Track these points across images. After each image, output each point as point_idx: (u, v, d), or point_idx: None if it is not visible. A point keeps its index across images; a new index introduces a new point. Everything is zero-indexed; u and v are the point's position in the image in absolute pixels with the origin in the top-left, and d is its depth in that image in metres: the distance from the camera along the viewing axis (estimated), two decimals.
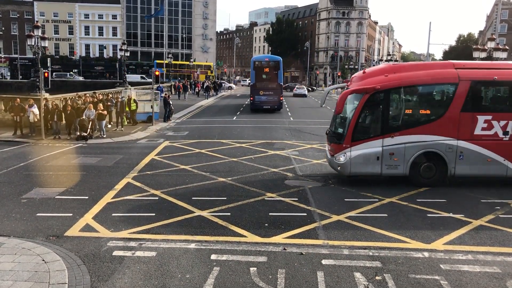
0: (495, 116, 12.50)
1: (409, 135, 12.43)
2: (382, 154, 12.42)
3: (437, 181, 12.69)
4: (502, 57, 24.22)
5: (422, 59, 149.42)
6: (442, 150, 12.44)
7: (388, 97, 12.55)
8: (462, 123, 12.41)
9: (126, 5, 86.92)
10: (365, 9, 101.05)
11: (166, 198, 11.34)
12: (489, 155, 12.50)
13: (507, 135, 12.45)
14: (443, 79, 12.81)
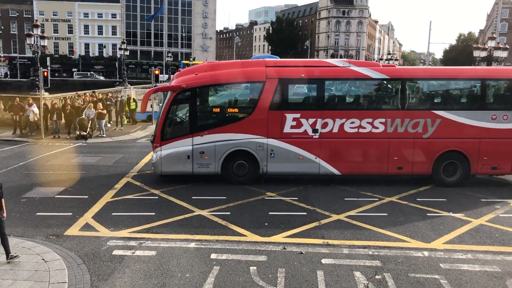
0: (304, 114, 12.38)
1: (219, 133, 12.33)
2: (193, 153, 12.31)
3: (251, 178, 12.61)
4: (502, 56, 24.19)
5: (423, 58, 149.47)
6: (252, 149, 12.37)
7: (196, 96, 12.39)
8: (270, 121, 12.29)
9: (126, 4, 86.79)
10: (365, 8, 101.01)
11: (166, 197, 11.34)
12: (301, 153, 12.40)
13: (316, 133, 12.35)
14: (250, 77, 12.64)
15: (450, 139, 12.42)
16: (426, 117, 12.34)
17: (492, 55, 23.93)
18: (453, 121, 12.33)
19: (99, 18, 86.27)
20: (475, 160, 12.47)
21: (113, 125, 24.51)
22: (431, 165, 12.54)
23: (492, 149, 12.43)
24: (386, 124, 12.29)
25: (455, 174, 12.69)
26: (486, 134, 12.36)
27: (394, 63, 52.23)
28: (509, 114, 12.36)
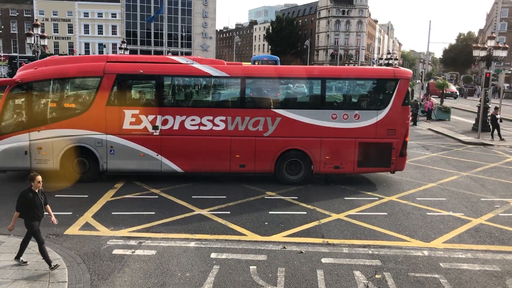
0: (143, 110, 12.25)
1: (57, 129, 12.12)
2: (30, 148, 12.15)
3: (92, 176, 12.48)
4: (502, 56, 24.15)
5: (422, 58, 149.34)
6: (91, 145, 12.25)
7: (32, 90, 12.23)
8: (109, 117, 12.14)
9: (126, 4, 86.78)
10: (365, 8, 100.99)
11: (166, 196, 11.34)
12: (141, 150, 12.29)
13: (157, 129, 12.25)
14: (88, 72, 12.47)
15: (291, 137, 12.38)
16: (266, 115, 12.28)
17: (492, 54, 23.84)
18: (293, 119, 12.29)
19: (99, 18, 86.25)
20: (317, 159, 12.41)
21: None
22: (273, 163, 12.46)
23: (333, 148, 12.38)
24: (227, 122, 12.25)
25: (299, 172, 12.63)
26: (327, 133, 12.31)
27: (394, 63, 52.13)
28: (349, 114, 12.29)
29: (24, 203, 6.97)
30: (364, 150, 12.36)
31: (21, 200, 7.00)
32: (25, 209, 6.99)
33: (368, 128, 12.29)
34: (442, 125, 27.22)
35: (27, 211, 6.98)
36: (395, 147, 12.32)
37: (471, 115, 31.94)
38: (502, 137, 21.79)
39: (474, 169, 15.28)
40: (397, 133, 12.35)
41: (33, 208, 6.97)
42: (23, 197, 6.99)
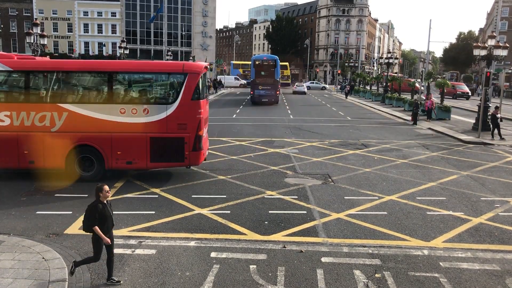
0: None
1: None
2: None
3: None
4: (502, 55, 24.13)
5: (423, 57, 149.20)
6: None
7: None
8: None
9: (126, 3, 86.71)
10: (365, 7, 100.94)
11: (165, 196, 11.34)
12: None
13: None
14: None
15: (81, 133, 12.22)
16: (52, 110, 12.09)
17: (492, 53, 23.81)
18: (81, 114, 12.13)
19: (98, 17, 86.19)
20: (108, 154, 12.25)
21: None
22: (63, 159, 12.24)
23: (124, 143, 12.23)
24: (12, 117, 12.06)
25: (92, 169, 12.50)
26: (117, 128, 12.16)
27: (394, 62, 51.94)
28: (138, 108, 12.17)
29: (96, 216, 6.54)
30: (156, 145, 12.20)
31: (93, 213, 6.55)
32: (93, 221, 6.59)
33: (158, 122, 12.14)
34: (442, 125, 27.22)
35: (94, 223, 6.58)
36: (188, 141, 12.18)
37: (472, 114, 31.94)
38: (502, 137, 21.79)
39: (474, 168, 15.28)
40: (188, 127, 12.19)
41: (104, 221, 6.59)
42: (95, 210, 6.56)
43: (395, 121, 30.54)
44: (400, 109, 37.84)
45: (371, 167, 15.05)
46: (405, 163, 15.95)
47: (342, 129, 25.00)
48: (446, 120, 29.51)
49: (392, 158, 16.75)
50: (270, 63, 42.40)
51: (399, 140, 21.33)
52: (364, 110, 39.06)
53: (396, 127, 26.67)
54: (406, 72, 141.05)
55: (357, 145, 19.47)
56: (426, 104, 30.21)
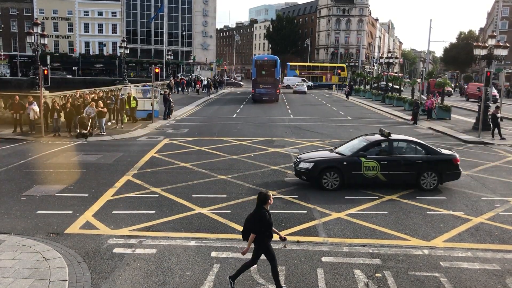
0: None
1: None
2: None
3: None
4: (503, 54, 24.11)
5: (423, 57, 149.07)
6: None
7: None
8: None
9: (126, 2, 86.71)
10: (365, 6, 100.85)
11: (166, 195, 11.34)
12: None
13: None
14: None
15: None
16: None
17: (493, 53, 23.78)
18: None
19: (99, 17, 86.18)
20: None
21: (113, 124, 24.51)
22: None
23: None
24: None
25: None
26: None
27: (395, 62, 52.23)
28: None
29: (266, 224, 6.39)
30: None
31: (264, 222, 6.37)
32: (263, 230, 6.42)
33: None
34: (442, 124, 27.21)
35: (264, 232, 6.43)
36: None
37: (472, 114, 31.92)
38: (502, 136, 21.78)
39: (474, 168, 15.27)
40: None
41: (269, 228, 6.45)
42: (264, 219, 6.36)
43: (395, 120, 30.53)
44: (400, 108, 37.82)
45: None
46: None
47: (342, 129, 24.99)
48: (446, 120, 29.50)
49: None
50: (270, 63, 44.46)
51: None
52: (364, 109, 39.04)
53: (397, 127, 26.65)
54: (406, 72, 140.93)
55: None
56: (426, 104, 30.20)
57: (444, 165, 12.18)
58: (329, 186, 11.92)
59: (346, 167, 11.93)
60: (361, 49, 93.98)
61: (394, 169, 12.03)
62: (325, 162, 12.14)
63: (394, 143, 12.51)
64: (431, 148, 12.46)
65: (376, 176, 11.94)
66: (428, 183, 12.06)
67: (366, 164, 11.87)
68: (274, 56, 50.70)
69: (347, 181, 11.99)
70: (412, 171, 12.05)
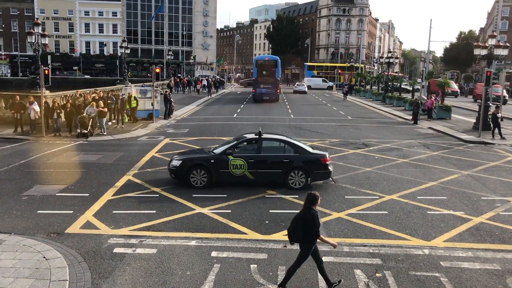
0: None
1: None
2: None
3: None
4: (503, 54, 24.09)
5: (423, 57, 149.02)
6: None
7: None
8: None
9: (126, 2, 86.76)
10: (365, 6, 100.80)
11: (166, 195, 11.35)
12: None
13: None
14: None
15: None
16: None
17: (493, 53, 23.75)
18: None
19: (99, 16, 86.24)
20: None
21: (114, 123, 24.53)
22: None
23: None
24: None
25: None
26: None
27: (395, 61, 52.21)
28: None
29: (315, 225, 6.36)
30: None
31: (313, 222, 6.34)
32: (313, 231, 6.40)
33: None
34: (443, 124, 27.20)
35: (313, 233, 6.40)
36: None
37: (472, 113, 31.90)
38: (503, 136, 21.77)
39: (475, 167, 15.27)
40: None
41: (317, 229, 6.43)
42: (317, 220, 6.35)
43: (395, 120, 30.52)
44: (400, 108, 37.81)
45: (372, 166, 15.04)
46: (405, 162, 15.94)
47: (342, 129, 24.98)
48: (446, 120, 29.49)
49: (393, 157, 16.74)
50: (271, 63, 44.98)
51: (399, 139, 21.31)
52: (364, 109, 39.03)
53: (397, 127, 26.65)
54: (407, 72, 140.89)
55: (358, 145, 19.47)
56: (426, 104, 30.19)
57: (312, 165, 12.13)
58: (197, 183, 12.00)
59: (214, 165, 12.00)
60: (361, 49, 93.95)
61: (261, 168, 12.04)
62: (192, 160, 12.25)
63: (263, 142, 12.53)
64: (300, 148, 12.43)
65: (243, 174, 11.98)
66: (296, 182, 12.06)
67: (234, 163, 11.93)
68: (275, 56, 51.32)
69: (215, 179, 12.05)
70: (280, 170, 12.06)
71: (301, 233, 6.43)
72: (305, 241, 6.46)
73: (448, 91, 54.18)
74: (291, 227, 6.60)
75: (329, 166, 12.37)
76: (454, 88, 58.13)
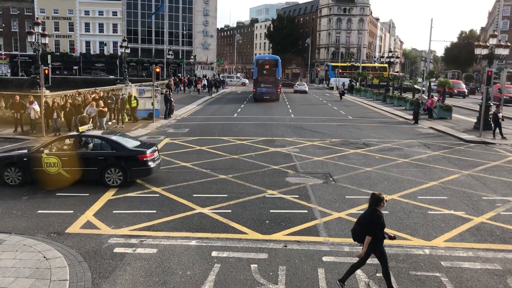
0: None
1: None
2: None
3: None
4: (504, 54, 24.05)
5: (424, 56, 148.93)
6: None
7: None
8: None
9: (127, 2, 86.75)
10: (366, 6, 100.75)
11: (167, 195, 11.34)
12: None
13: None
14: None
15: None
16: None
17: (494, 52, 23.72)
18: None
19: (100, 16, 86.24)
20: None
21: (114, 123, 24.52)
22: None
23: None
24: None
25: None
26: None
27: (396, 61, 52.15)
28: None
29: (379, 226, 6.34)
30: None
31: (378, 224, 6.32)
32: (377, 232, 6.38)
33: None
34: (443, 124, 27.17)
35: (378, 234, 6.37)
36: None
37: (473, 113, 31.87)
38: (503, 136, 21.74)
39: (475, 167, 15.25)
40: None
41: (382, 230, 6.43)
42: (378, 221, 6.32)
43: (396, 120, 30.50)
44: (401, 108, 37.78)
45: (372, 166, 15.03)
46: (406, 162, 15.93)
47: (343, 128, 24.97)
48: (447, 119, 29.46)
49: (393, 157, 16.73)
50: (272, 62, 45.17)
51: (400, 139, 21.30)
52: (365, 109, 39.01)
53: (397, 126, 26.64)
54: (407, 71, 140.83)
55: (358, 144, 19.45)
56: (427, 103, 30.15)
57: (129, 162, 11.94)
58: (12, 182, 11.89)
59: (27, 163, 11.86)
60: (362, 49, 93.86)
61: (76, 166, 11.81)
62: (6, 159, 12.16)
63: (81, 139, 12.39)
64: (117, 144, 12.18)
65: (58, 172, 11.80)
66: (114, 180, 11.91)
67: (47, 160, 11.75)
68: (275, 56, 51.52)
69: (30, 177, 11.94)
70: (95, 167, 11.89)
71: (363, 234, 6.40)
72: (370, 242, 6.37)
73: (455, 91, 53.53)
74: (354, 228, 6.60)
75: (148, 162, 12.03)
76: (462, 88, 55.94)
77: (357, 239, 6.63)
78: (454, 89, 53.61)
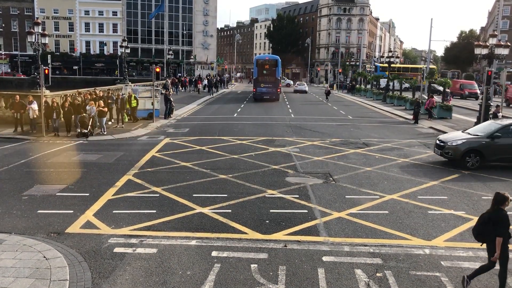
0: None
1: None
2: None
3: None
4: (504, 54, 24.05)
5: (424, 56, 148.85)
6: None
7: None
8: None
9: (127, 2, 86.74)
10: (366, 5, 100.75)
11: (167, 195, 11.34)
12: None
13: None
14: None
15: None
16: None
17: (494, 52, 23.73)
18: None
19: (100, 16, 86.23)
20: None
21: (114, 123, 24.52)
22: None
23: None
24: None
25: None
26: None
27: (396, 61, 52.07)
28: None
29: (506, 226, 6.16)
30: None
31: (505, 223, 6.13)
32: (504, 231, 6.20)
33: None
34: (443, 124, 27.16)
35: (505, 233, 6.18)
36: None
37: (473, 113, 31.86)
38: None
39: None
40: None
41: (508, 229, 6.25)
42: (506, 220, 6.13)
43: (396, 120, 30.49)
44: (401, 108, 37.79)
45: (372, 166, 15.03)
46: (406, 162, 15.93)
47: (343, 128, 24.97)
48: (447, 119, 29.46)
49: (393, 157, 16.73)
50: (272, 62, 45.34)
51: (400, 139, 21.29)
52: (365, 109, 39.01)
53: (397, 126, 26.63)
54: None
55: (358, 144, 19.45)
56: (426, 103, 30.14)
57: None
58: None
59: None
60: (362, 48, 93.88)
61: None
62: None
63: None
64: None
65: None
66: None
67: None
68: (275, 56, 51.73)
69: None
70: None
71: (487, 234, 6.32)
72: (494, 242, 6.28)
73: (465, 92, 51.81)
74: (476, 227, 6.52)
75: None
76: (474, 89, 52.64)
77: (478, 238, 6.51)
78: (465, 90, 51.62)
